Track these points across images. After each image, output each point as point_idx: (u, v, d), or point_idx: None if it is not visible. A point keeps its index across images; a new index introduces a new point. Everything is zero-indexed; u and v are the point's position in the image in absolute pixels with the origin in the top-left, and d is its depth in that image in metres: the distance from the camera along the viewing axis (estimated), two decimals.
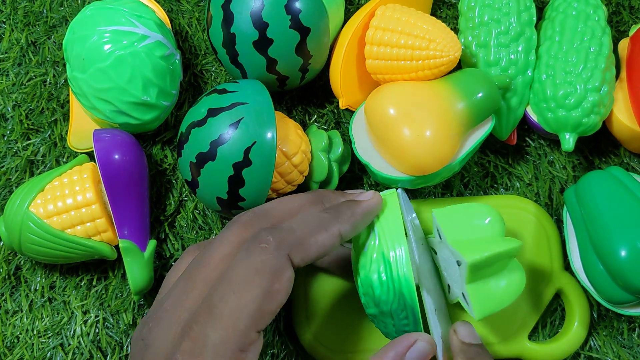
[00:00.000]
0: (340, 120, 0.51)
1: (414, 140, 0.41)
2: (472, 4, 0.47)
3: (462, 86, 0.43)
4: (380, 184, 0.48)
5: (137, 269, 0.44)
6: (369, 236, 0.34)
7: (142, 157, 0.46)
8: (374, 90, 0.44)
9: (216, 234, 0.48)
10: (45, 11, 0.53)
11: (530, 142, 0.50)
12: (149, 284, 0.44)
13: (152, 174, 0.49)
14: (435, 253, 0.39)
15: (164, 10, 0.52)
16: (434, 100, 0.42)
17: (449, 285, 0.39)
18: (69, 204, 0.43)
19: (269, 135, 0.40)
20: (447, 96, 0.42)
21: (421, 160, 0.42)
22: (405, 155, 0.42)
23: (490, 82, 0.43)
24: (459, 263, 0.35)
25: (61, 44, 0.52)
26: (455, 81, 0.43)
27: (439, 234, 0.38)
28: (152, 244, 0.45)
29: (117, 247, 0.46)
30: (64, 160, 0.50)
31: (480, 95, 0.42)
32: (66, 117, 0.50)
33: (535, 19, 0.47)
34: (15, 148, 0.50)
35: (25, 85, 0.51)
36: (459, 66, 0.49)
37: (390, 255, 0.33)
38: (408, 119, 0.41)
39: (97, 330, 0.46)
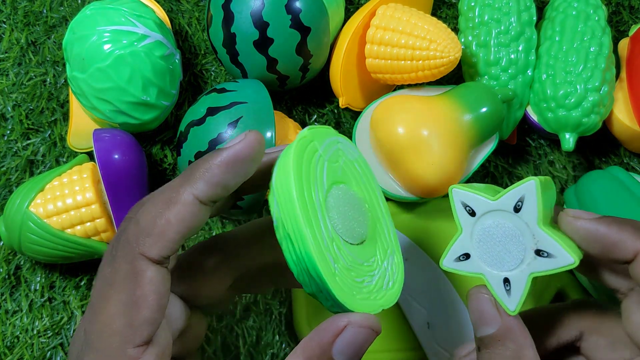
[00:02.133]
0: (341, 120, 0.51)
1: (424, 168, 0.41)
2: (472, 4, 0.47)
3: (467, 100, 0.43)
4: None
5: None
6: (273, 202, 0.26)
7: (142, 157, 0.46)
8: (380, 104, 0.44)
9: (216, 233, 0.48)
10: (45, 11, 0.53)
11: (530, 142, 0.50)
12: None
13: (152, 173, 0.49)
14: (473, 215, 0.30)
15: (164, 10, 0.52)
16: (441, 118, 0.42)
17: (465, 254, 0.31)
18: (69, 204, 0.43)
19: (268, 134, 0.40)
20: (453, 113, 0.42)
21: (431, 186, 0.42)
22: (415, 181, 0.42)
23: (494, 96, 0.43)
24: (541, 253, 0.28)
25: (61, 43, 0.52)
26: (459, 96, 0.43)
27: (519, 205, 0.29)
28: None
29: None
30: (64, 160, 0.50)
31: (484, 109, 0.42)
32: (66, 117, 0.50)
33: (535, 18, 0.47)
34: (15, 148, 0.50)
35: (25, 85, 0.51)
36: (459, 66, 0.49)
37: (289, 228, 0.25)
38: (417, 141, 0.41)
39: None
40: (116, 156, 0.43)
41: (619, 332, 0.28)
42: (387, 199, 0.48)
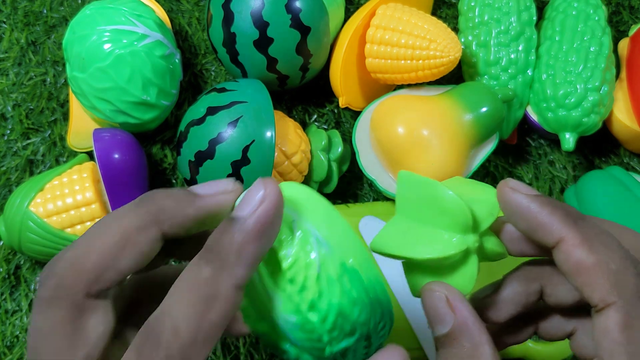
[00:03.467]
0: (340, 120, 0.51)
1: (424, 167, 0.41)
2: (472, 4, 0.47)
3: (467, 100, 0.43)
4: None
5: None
6: (302, 253, 0.23)
7: (142, 157, 0.46)
8: (380, 103, 0.44)
9: None
10: (45, 11, 0.53)
11: (530, 142, 0.50)
12: None
13: (152, 173, 0.49)
14: None
15: (164, 9, 0.52)
16: (441, 118, 0.42)
17: None
18: (69, 203, 0.43)
19: (268, 134, 0.40)
20: (453, 113, 0.42)
21: None
22: None
23: (494, 96, 0.43)
24: None
25: (61, 43, 0.52)
26: (459, 96, 0.43)
27: None
28: None
29: None
30: (64, 159, 0.50)
31: (484, 109, 0.43)
32: (66, 116, 0.50)
33: (535, 18, 0.47)
34: (15, 147, 0.50)
35: (25, 85, 0.51)
36: (459, 66, 0.49)
37: (349, 262, 0.23)
38: (418, 141, 0.41)
39: None
40: (116, 156, 0.43)
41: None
42: (387, 199, 0.48)
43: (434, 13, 0.53)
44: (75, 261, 0.23)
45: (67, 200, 0.43)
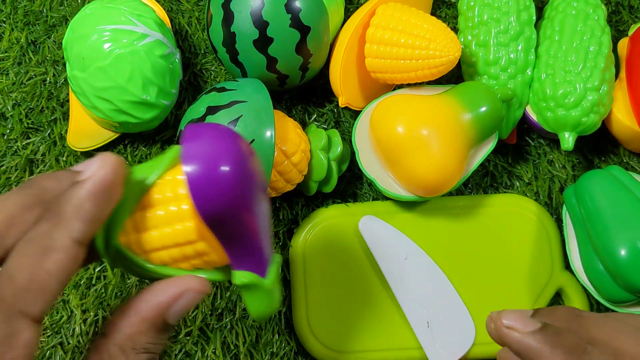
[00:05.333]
0: (340, 120, 0.51)
1: (424, 167, 0.41)
2: (472, 3, 0.47)
3: (466, 100, 0.43)
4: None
5: (259, 300, 0.29)
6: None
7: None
8: (380, 103, 0.44)
9: None
10: (45, 10, 0.53)
11: (529, 141, 0.50)
12: (273, 310, 0.30)
13: None
14: None
15: (164, 9, 0.52)
16: (441, 118, 0.42)
17: None
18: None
19: (268, 133, 0.40)
20: (452, 113, 0.43)
21: (431, 185, 0.42)
22: (415, 180, 0.42)
23: (493, 96, 0.43)
24: None
25: (61, 43, 0.52)
26: (459, 95, 0.43)
27: None
28: (276, 259, 0.30)
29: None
30: (64, 159, 0.50)
31: (484, 109, 0.43)
32: (66, 116, 0.50)
33: (534, 18, 0.47)
34: (15, 147, 0.50)
35: (25, 84, 0.51)
36: (458, 66, 0.49)
37: None
38: (417, 141, 0.42)
39: (96, 330, 0.46)
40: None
41: None
42: (387, 199, 0.48)
43: (433, 13, 0.53)
44: (15, 283, 0.22)
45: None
